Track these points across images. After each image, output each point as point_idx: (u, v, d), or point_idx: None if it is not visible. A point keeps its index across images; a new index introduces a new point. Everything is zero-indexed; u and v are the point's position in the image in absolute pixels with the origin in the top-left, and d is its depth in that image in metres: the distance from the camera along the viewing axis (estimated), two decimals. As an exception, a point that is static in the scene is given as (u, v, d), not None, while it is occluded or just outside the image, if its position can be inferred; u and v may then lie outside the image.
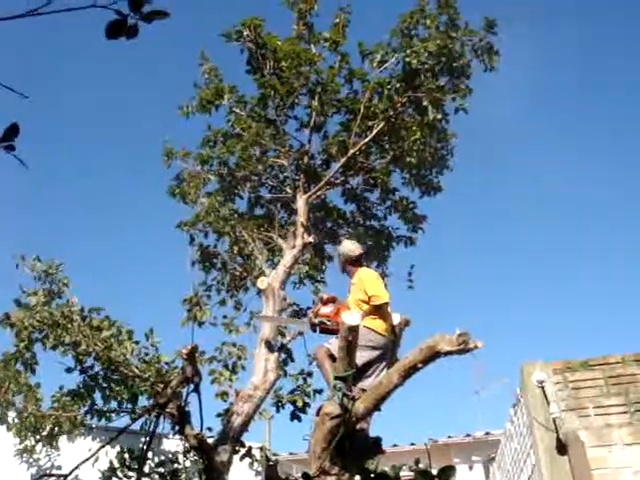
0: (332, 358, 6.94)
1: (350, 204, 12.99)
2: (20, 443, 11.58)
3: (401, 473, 4.44)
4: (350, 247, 7.69)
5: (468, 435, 17.13)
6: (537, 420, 8.37)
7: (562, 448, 8.05)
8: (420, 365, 6.17)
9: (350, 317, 6.41)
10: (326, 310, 7.49)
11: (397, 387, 6.36)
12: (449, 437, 17.21)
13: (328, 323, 7.40)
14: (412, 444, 17.34)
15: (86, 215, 36.79)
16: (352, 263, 7.59)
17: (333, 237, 12.78)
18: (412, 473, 4.18)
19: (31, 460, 12.04)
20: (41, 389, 10.99)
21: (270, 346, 9.56)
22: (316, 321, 7.45)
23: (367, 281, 7.27)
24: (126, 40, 2.50)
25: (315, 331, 7.49)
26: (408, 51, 10.88)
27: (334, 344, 6.91)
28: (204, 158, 12.20)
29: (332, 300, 7.62)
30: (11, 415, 11.17)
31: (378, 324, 7.10)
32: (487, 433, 16.78)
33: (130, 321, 10.61)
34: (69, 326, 9.85)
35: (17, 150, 2.75)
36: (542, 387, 8.40)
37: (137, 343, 10.38)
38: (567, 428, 8.15)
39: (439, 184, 12.58)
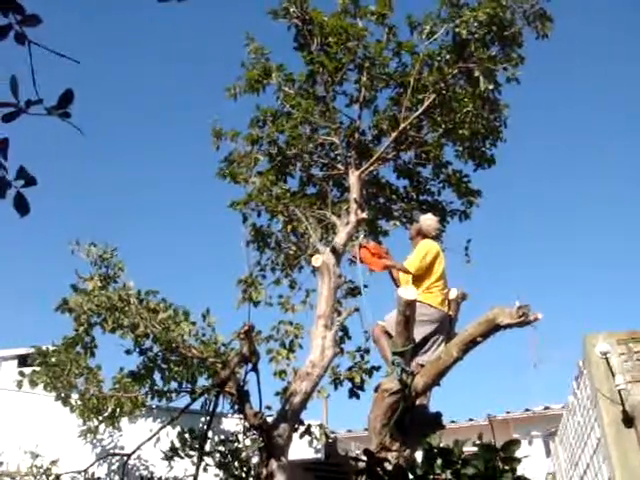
0: (388, 335, 6.98)
1: (403, 179, 12.86)
2: (83, 424, 11.78)
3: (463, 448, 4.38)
4: (432, 225, 7.88)
5: (527, 410, 17.04)
6: (602, 393, 8.22)
7: (629, 421, 7.94)
8: (479, 339, 6.23)
9: (406, 292, 6.45)
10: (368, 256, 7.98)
11: (457, 361, 6.42)
12: (507, 412, 17.15)
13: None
14: (470, 420, 17.34)
15: (139, 200, 37.19)
16: (423, 237, 7.74)
17: (386, 213, 12.72)
18: (473, 449, 4.14)
19: (95, 441, 12.25)
20: (102, 371, 11.16)
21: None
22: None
23: (416, 250, 7.47)
24: (177, 2, 2.42)
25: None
26: (457, 21, 10.64)
27: (389, 321, 7.00)
28: (254, 138, 12.11)
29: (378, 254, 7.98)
30: (74, 397, 11.36)
31: (433, 298, 7.17)
32: (546, 407, 16.66)
33: (186, 303, 10.70)
34: (126, 309, 9.95)
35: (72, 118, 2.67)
36: (606, 358, 8.26)
37: (194, 324, 10.46)
38: (633, 400, 8.02)
39: (493, 156, 12.32)
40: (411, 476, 3.93)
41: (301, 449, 10.87)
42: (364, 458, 4.11)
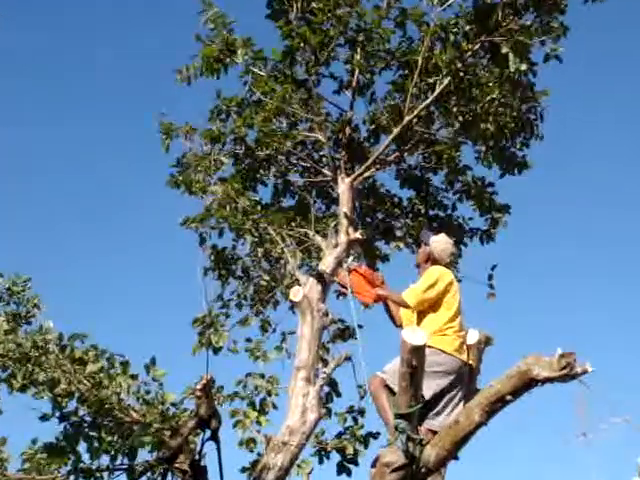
0: (389, 391, 7.02)
1: (408, 189, 12.95)
2: (-21, 521, 11.53)
3: None
4: (446, 249, 7.99)
5: (574, 493, 16.94)
6: (681, 474, 8.19)
7: None
8: (509, 397, 6.21)
9: (413, 335, 6.44)
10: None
11: (479, 427, 6.39)
12: (548, 495, 17.04)
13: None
14: (499, 504, 17.24)
15: (60, 217, 37.06)
16: (433, 263, 7.86)
17: (387, 232, 12.76)
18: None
19: None
20: (6, 446, 10.89)
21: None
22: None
23: (422, 278, 7.61)
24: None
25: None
26: (481, -21, 10.63)
27: (390, 373, 7.11)
28: (214, 135, 12.04)
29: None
30: (-35, 485, 11.12)
31: (447, 342, 7.27)
32: (601, 490, 16.49)
33: (125, 351, 10.54)
34: (43, 360, 9.79)
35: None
36: (685, 427, 8.20)
37: (134, 378, 10.28)
38: None
39: (525, 158, 12.30)
40: None
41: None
42: None
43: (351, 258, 9.69)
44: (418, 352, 6.35)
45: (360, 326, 9.62)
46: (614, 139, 37.59)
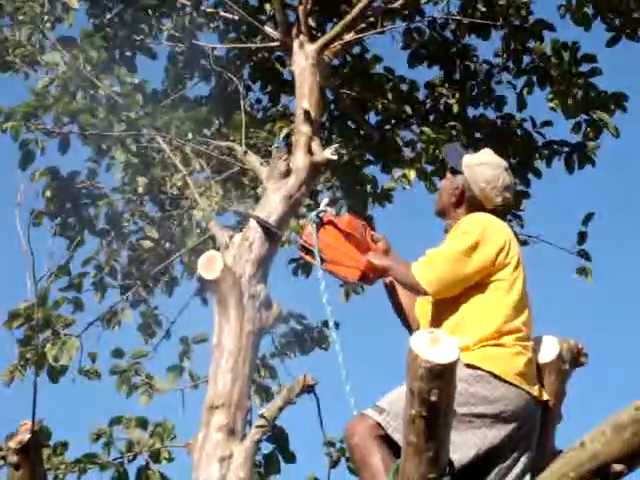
0: (389, 445, 6.27)
1: (428, 66, 13.44)
2: None
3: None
4: (499, 179, 7.14)
5: None
6: None
7: None
8: (619, 467, 5.58)
9: (431, 343, 5.43)
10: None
11: None
12: None
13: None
14: None
15: None
16: (470, 207, 7.04)
17: (384, 148, 12.77)
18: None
19: None
20: None
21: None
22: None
23: (453, 234, 6.84)
24: None
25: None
26: None
27: (392, 411, 6.25)
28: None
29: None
30: None
31: (505, 359, 6.40)
32: None
33: None
34: None
35: None
36: None
37: None
38: None
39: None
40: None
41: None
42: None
43: (326, 200, 8.95)
44: (443, 378, 5.44)
45: (337, 325, 9.13)
46: None
